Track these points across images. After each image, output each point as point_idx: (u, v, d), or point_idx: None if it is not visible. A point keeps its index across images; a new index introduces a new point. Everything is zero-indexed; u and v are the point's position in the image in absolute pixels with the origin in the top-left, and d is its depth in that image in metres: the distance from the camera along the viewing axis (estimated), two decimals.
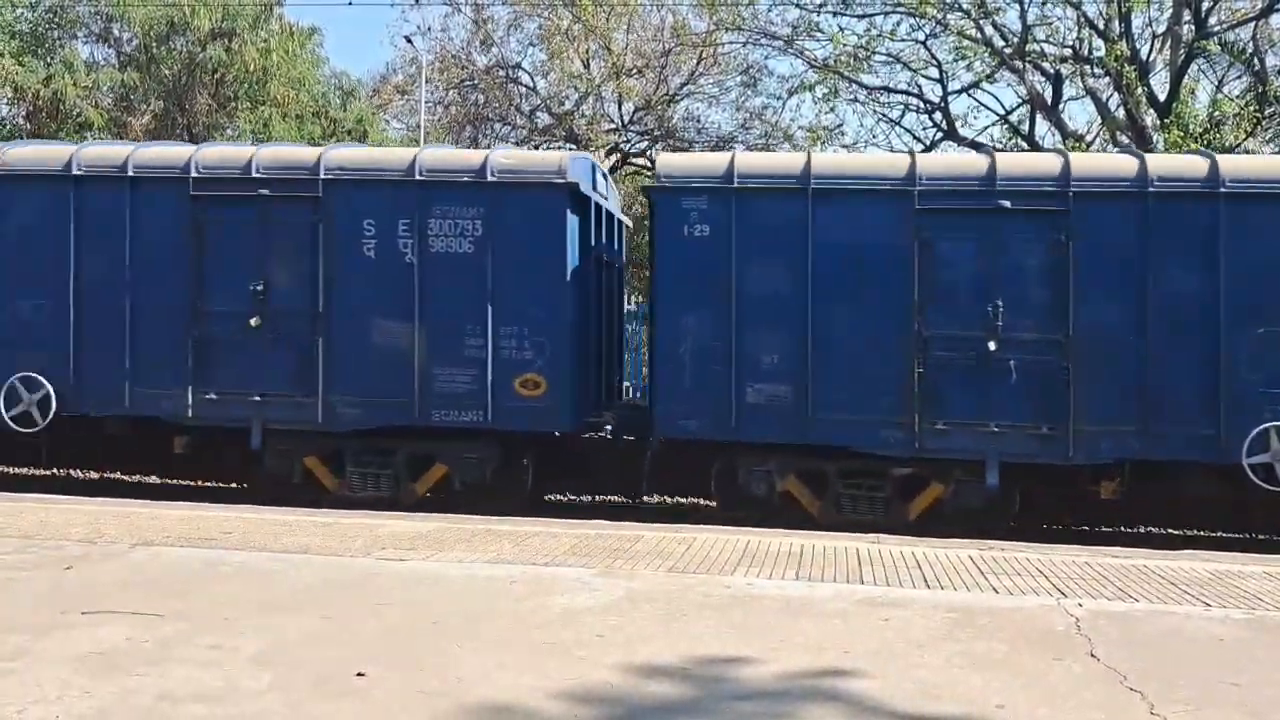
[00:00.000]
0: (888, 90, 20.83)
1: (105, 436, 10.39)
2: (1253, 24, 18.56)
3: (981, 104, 31.60)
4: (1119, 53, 17.44)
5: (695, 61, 25.61)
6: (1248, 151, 17.10)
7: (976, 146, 19.59)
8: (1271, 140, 18.95)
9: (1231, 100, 18.63)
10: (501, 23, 26.60)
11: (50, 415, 9.85)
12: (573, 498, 10.92)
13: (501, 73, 26.89)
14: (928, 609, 5.56)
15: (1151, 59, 19.19)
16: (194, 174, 9.86)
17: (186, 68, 22.87)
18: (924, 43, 19.80)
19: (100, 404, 9.99)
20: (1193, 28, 18.31)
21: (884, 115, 21.18)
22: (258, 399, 9.72)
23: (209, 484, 11.04)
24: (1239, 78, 19.59)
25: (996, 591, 5.99)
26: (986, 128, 21.46)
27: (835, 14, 20.33)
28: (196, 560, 6.40)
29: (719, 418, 9.18)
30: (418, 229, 9.55)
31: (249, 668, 4.42)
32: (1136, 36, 18.73)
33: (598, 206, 10.46)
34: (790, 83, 22.75)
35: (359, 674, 4.35)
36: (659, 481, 10.34)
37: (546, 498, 10.59)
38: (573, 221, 9.66)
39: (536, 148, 23.92)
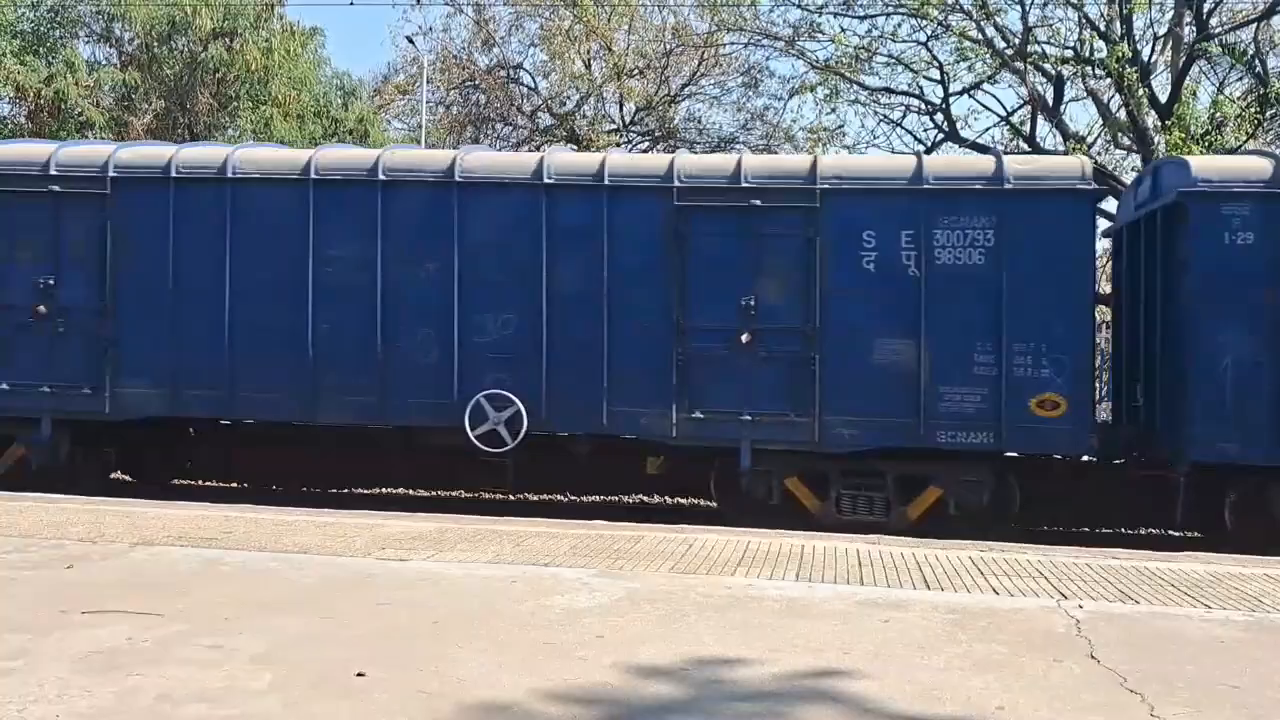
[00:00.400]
0: (889, 91, 20.83)
1: (569, 456, 9.90)
2: (1254, 26, 18.56)
3: (983, 105, 31.68)
4: (1120, 54, 17.42)
5: (697, 62, 25.64)
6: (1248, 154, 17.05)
7: (981, 149, 19.59)
8: (1273, 143, 18.93)
9: (1233, 102, 18.61)
10: (503, 23, 26.68)
11: (521, 434, 9.36)
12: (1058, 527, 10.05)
13: (503, 73, 26.91)
14: (928, 610, 5.55)
15: (1153, 60, 19.19)
16: (677, 183, 9.36)
17: (188, 67, 22.91)
18: (925, 44, 19.79)
19: (574, 422, 9.52)
20: (1194, 29, 18.30)
21: (885, 116, 21.19)
22: (747, 418, 9.23)
23: (220, 485, 11.03)
24: (1240, 79, 19.60)
25: (997, 593, 5.98)
26: (988, 129, 21.51)
27: (837, 15, 20.35)
28: (197, 560, 6.40)
29: (1271, 440, 8.59)
30: (922, 240, 9.05)
31: (249, 668, 4.41)
32: (1138, 38, 18.74)
33: None
34: (791, 84, 22.79)
35: (359, 674, 4.34)
36: (1128, 509, 9.76)
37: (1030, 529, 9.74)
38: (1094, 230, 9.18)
39: (537, 148, 23.93)
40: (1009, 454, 9.17)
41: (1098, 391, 11.00)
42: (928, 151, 20.45)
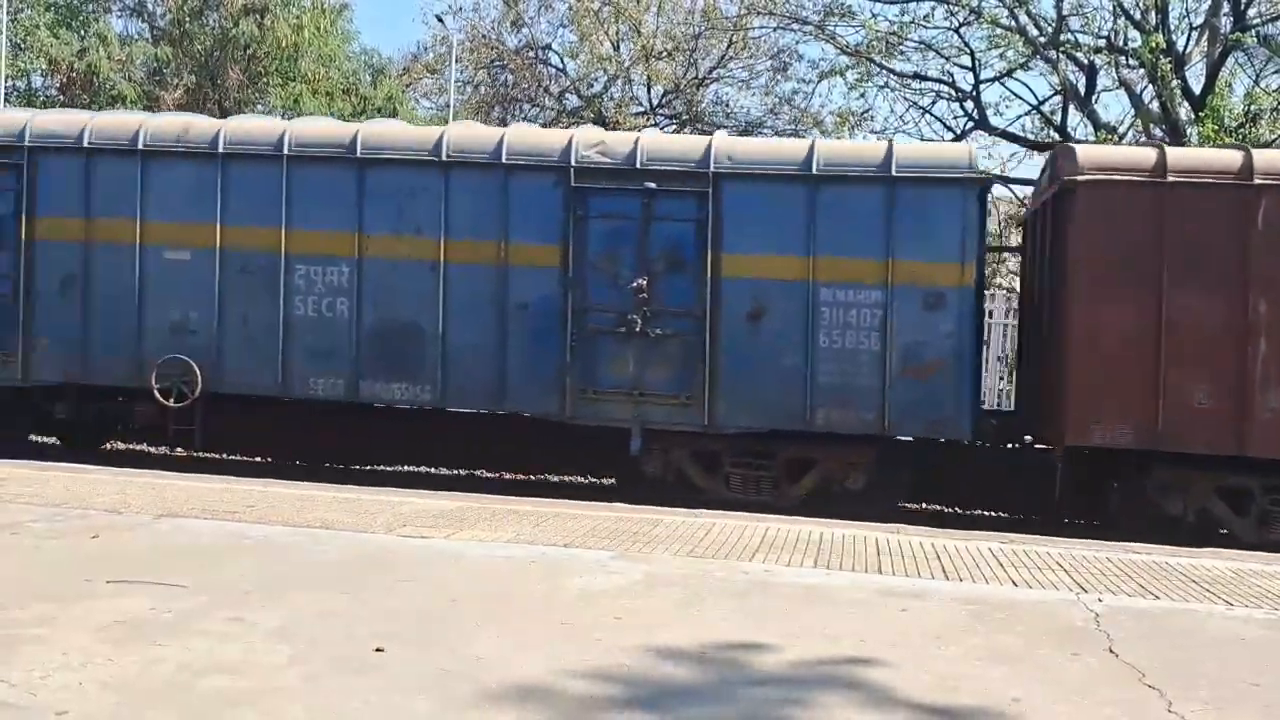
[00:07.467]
0: (919, 77, 20.61)
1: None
2: None
3: (1013, 93, 31.30)
4: (1155, 44, 17.15)
5: (725, 45, 25.46)
6: None
7: (1011, 137, 19.36)
8: None
9: (1269, 94, 18.26)
10: (532, 3, 26.61)
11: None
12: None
13: (531, 54, 26.86)
14: (946, 601, 5.53)
15: (1188, 51, 18.87)
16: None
17: (219, 43, 22.99)
18: (957, 30, 19.58)
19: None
20: (1231, 20, 17.98)
21: (914, 102, 20.99)
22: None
23: (244, 459, 11.13)
24: (1277, 72, 19.24)
25: (1016, 585, 5.95)
26: (1019, 117, 21.25)
27: None
28: (220, 533, 6.46)
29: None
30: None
31: (268, 641, 4.46)
32: (1173, 28, 18.44)
33: None
34: (821, 67, 22.60)
35: (377, 650, 4.38)
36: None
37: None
38: None
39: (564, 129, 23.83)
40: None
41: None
42: (956, 139, 20.26)
